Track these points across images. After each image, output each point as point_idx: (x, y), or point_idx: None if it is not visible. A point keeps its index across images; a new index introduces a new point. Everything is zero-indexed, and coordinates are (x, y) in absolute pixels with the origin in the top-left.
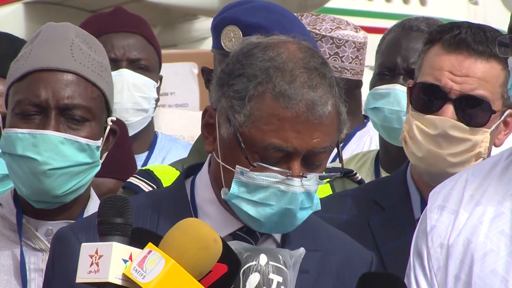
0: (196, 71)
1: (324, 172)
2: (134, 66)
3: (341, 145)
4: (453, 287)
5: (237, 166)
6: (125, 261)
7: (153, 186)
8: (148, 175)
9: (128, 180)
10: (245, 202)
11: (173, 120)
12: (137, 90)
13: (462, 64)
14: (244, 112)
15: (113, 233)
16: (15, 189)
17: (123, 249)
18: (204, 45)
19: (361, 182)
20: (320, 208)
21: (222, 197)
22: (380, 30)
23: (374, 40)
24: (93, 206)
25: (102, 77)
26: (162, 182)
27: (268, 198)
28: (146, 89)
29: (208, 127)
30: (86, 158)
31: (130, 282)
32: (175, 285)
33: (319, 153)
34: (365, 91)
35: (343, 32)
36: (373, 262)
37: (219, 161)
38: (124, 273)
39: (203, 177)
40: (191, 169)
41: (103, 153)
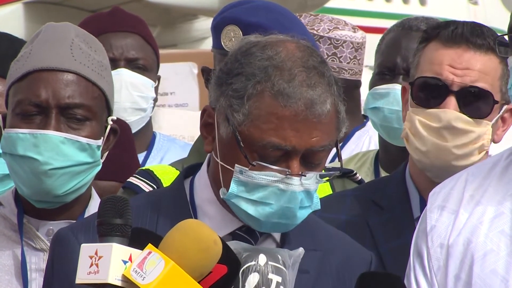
0: (196, 71)
1: (324, 171)
2: (132, 65)
3: (340, 144)
4: (453, 287)
5: (236, 165)
6: (125, 262)
7: (153, 186)
8: (148, 175)
9: (128, 180)
10: (244, 201)
11: (173, 120)
12: (135, 90)
13: (461, 57)
14: (242, 111)
15: (113, 234)
16: (16, 189)
17: (123, 250)
18: (204, 45)
19: (361, 182)
20: (319, 207)
21: (221, 197)
22: (380, 30)
23: (374, 40)
24: (94, 206)
25: (102, 76)
26: (162, 182)
27: (267, 197)
28: (144, 89)
29: (207, 126)
30: (87, 158)
31: (129, 283)
32: (174, 286)
33: (318, 152)
34: (364, 91)
35: (341, 33)
36: (373, 262)
37: (218, 161)
38: (123, 274)
39: (202, 177)
40: (190, 169)
41: (104, 152)
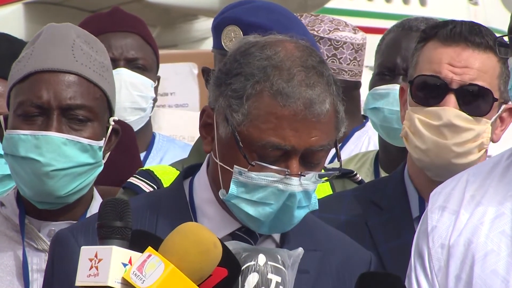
0: (196, 71)
1: (324, 171)
2: (132, 65)
3: (339, 145)
4: (454, 287)
5: (235, 166)
6: (125, 265)
7: (153, 186)
8: (148, 175)
9: (128, 180)
10: (244, 202)
11: (173, 120)
12: (135, 89)
13: (460, 56)
14: (242, 111)
15: (112, 237)
16: (18, 190)
17: (123, 253)
18: (204, 45)
19: (361, 182)
20: (317, 208)
21: (220, 198)
22: (380, 30)
23: (374, 41)
24: (96, 206)
25: (103, 77)
26: (163, 182)
27: (267, 197)
28: (143, 88)
29: (206, 127)
30: (89, 159)
31: (129, 286)
32: None
33: (317, 152)
34: (364, 91)
35: (341, 34)
36: (372, 262)
37: (217, 161)
38: (123, 277)
39: (201, 177)
40: (190, 169)
41: (106, 153)
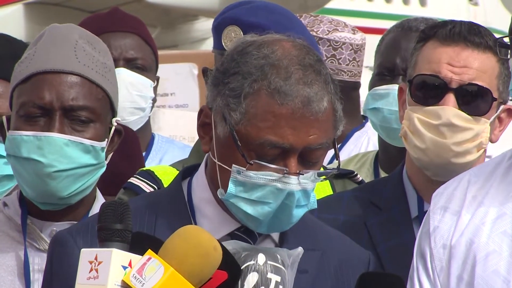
0: (196, 72)
1: (323, 169)
2: (131, 65)
3: (339, 145)
4: (455, 287)
5: (233, 165)
6: (125, 268)
7: (154, 186)
8: (149, 175)
9: (129, 180)
10: (243, 201)
11: (173, 120)
12: (134, 89)
13: (459, 56)
14: (239, 110)
15: (113, 239)
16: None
17: (123, 256)
18: (205, 46)
19: (361, 183)
20: (316, 207)
21: (219, 197)
22: (380, 30)
23: (374, 41)
24: (98, 207)
25: (106, 78)
26: (163, 182)
27: (265, 196)
28: (143, 88)
29: (204, 126)
30: (91, 160)
31: None
32: None
33: (315, 150)
34: (364, 91)
35: (340, 34)
36: (371, 262)
37: (216, 161)
38: (123, 280)
39: (200, 177)
40: (188, 170)
41: (108, 154)
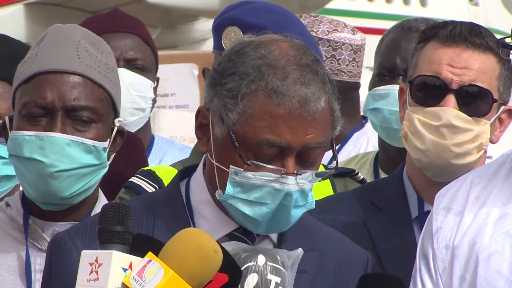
0: (197, 72)
1: (323, 168)
2: (131, 66)
3: (338, 146)
4: None
5: (231, 166)
6: (125, 270)
7: (155, 186)
8: (150, 175)
9: (130, 180)
10: (241, 202)
11: (173, 121)
12: (134, 89)
13: (460, 57)
14: (237, 110)
15: (113, 241)
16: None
17: (123, 258)
18: (205, 46)
19: (363, 181)
20: (314, 207)
21: (217, 198)
22: (380, 31)
23: (374, 41)
24: (100, 208)
25: (108, 78)
26: (164, 182)
27: (263, 197)
28: (143, 88)
29: (201, 127)
30: (93, 160)
31: None
32: None
33: (313, 149)
34: (364, 92)
35: (339, 35)
36: (369, 262)
37: (213, 162)
38: (123, 282)
39: (198, 178)
40: (186, 170)
41: (111, 154)
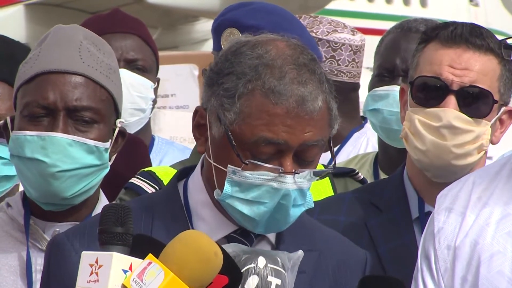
0: (197, 73)
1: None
2: (132, 66)
3: (338, 146)
4: None
5: (229, 165)
6: (125, 272)
7: (155, 187)
8: (150, 176)
9: (130, 180)
10: (239, 201)
11: (173, 121)
12: (135, 90)
13: (461, 58)
14: (234, 109)
15: (113, 243)
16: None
17: (123, 259)
18: (205, 47)
19: (363, 181)
20: (312, 206)
21: (215, 198)
22: (380, 31)
23: (375, 42)
24: (101, 208)
25: (110, 79)
26: (164, 183)
27: (261, 196)
28: (143, 89)
29: (199, 127)
30: (95, 160)
31: None
32: None
33: (311, 148)
34: (364, 92)
35: (339, 35)
36: (368, 261)
37: (211, 162)
38: (123, 284)
39: (196, 179)
40: (184, 171)
41: (112, 155)
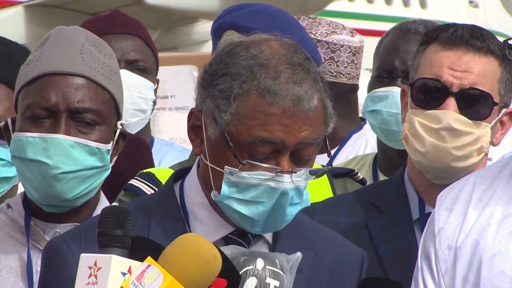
0: (197, 74)
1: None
2: (132, 67)
3: (337, 147)
4: None
5: (225, 166)
6: (124, 274)
7: (154, 188)
8: (149, 177)
9: (129, 182)
10: (237, 202)
11: (173, 123)
12: (135, 90)
13: (461, 60)
14: (230, 110)
15: (112, 245)
16: (25, 192)
17: (122, 262)
18: (205, 48)
19: (362, 181)
20: (309, 204)
21: (213, 199)
22: (380, 33)
23: (374, 43)
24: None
25: (112, 80)
26: (163, 184)
27: (259, 196)
28: (144, 90)
29: (194, 129)
30: (96, 162)
31: None
32: None
33: (307, 146)
34: (363, 94)
35: (338, 37)
36: (364, 260)
37: (208, 163)
38: (122, 287)
39: (192, 180)
40: (180, 172)
41: (113, 157)
